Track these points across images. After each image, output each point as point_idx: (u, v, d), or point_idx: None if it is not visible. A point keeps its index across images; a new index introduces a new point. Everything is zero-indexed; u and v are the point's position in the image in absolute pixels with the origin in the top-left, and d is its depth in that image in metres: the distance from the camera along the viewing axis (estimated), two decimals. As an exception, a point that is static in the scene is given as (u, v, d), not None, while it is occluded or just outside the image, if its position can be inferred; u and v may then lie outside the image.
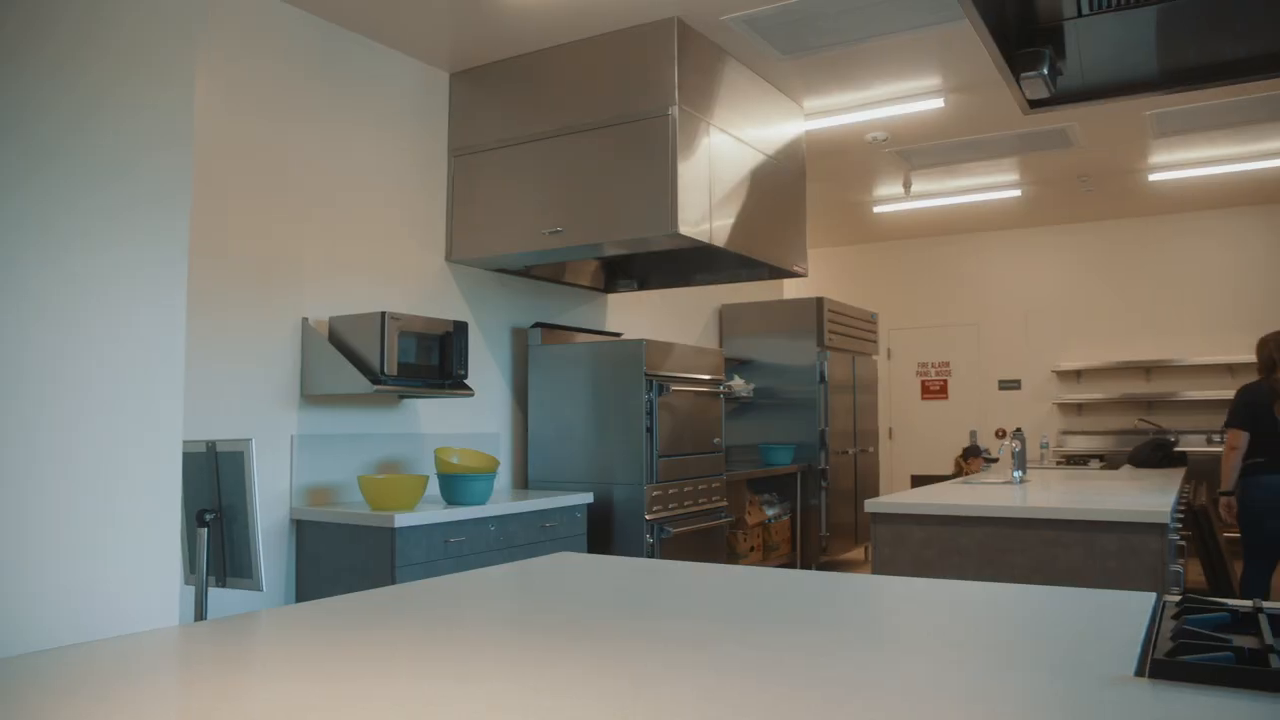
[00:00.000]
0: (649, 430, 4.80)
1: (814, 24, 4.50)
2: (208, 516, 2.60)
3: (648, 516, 4.74)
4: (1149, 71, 2.29)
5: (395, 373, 4.05)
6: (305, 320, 4.14)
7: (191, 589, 2.64)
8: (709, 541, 5.24)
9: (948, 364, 9.76)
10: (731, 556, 6.02)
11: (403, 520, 3.68)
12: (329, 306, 4.25)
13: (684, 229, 4.30)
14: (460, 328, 4.40)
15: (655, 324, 6.50)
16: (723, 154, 4.71)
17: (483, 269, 5.08)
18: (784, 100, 5.39)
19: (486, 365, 5.08)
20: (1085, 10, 2.05)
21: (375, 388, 3.95)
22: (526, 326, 5.32)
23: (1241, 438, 5.12)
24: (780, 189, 5.30)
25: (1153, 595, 1.65)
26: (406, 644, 1.41)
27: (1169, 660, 1.17)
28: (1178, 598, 1.58)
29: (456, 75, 4.95)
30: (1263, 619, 1.36)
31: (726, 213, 4.72)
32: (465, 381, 4.43)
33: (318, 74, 4.27)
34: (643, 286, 5.89)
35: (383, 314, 4.03)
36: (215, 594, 2.68)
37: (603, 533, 4.79)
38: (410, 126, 4.74)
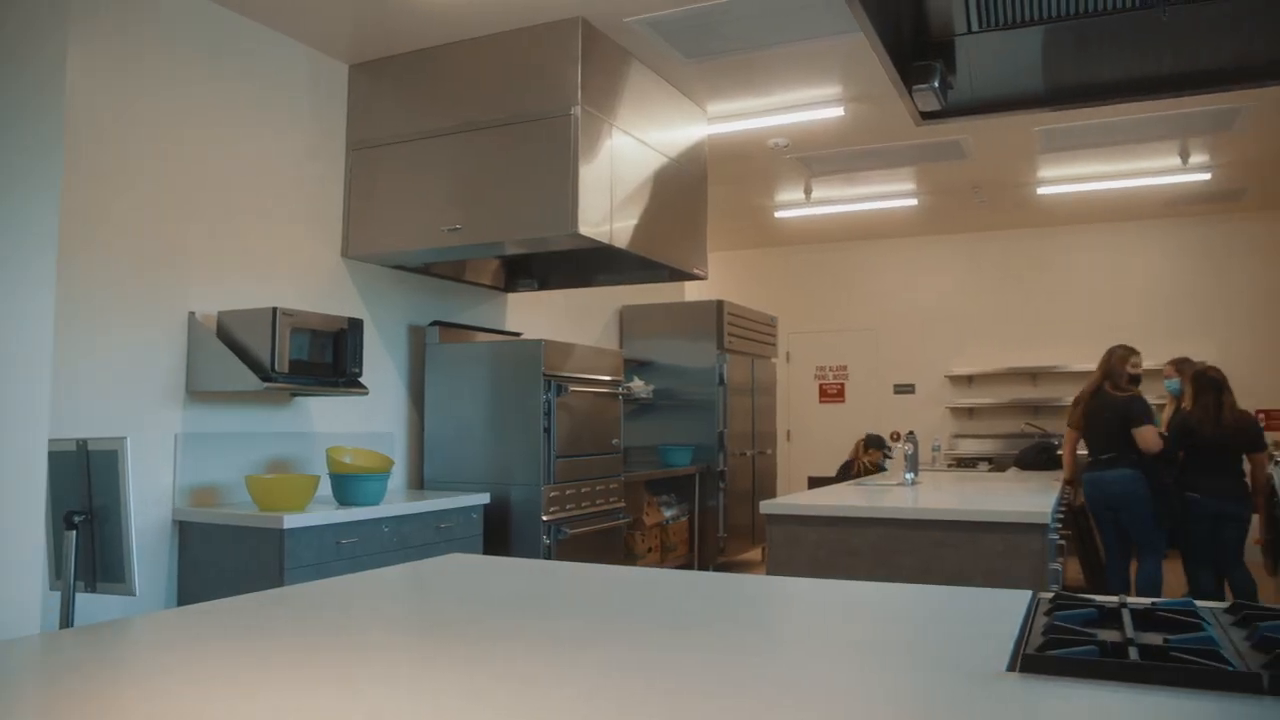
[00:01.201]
0: (547, 431, 4.78)
1: (718, 29, 4.54)
2: (76, 518, 2.47)
3: (545, 517, 4.71)
4: (1035, 88, 2.36)
5: (286, 370, 3.94)
6: (192, 315, 4.00)
7: (58, 595, 2.51)
8: (607, 542, 5.23)
9: (845, 368, 9.97)
10: (629, 557, 6.03)
11: (292, 521, 3.59)
12: (218, 301, 4.11)
13: (584, 229, 4.29)
14: (355, 325, 4.31)
15: (556, 324, 6.47)
16: (625, 155, 4.72)
17: (380, 265, 4.98)
18: (687, 104, 5.43)
19: (382, 363, 4.98)
20: (975, 27, 2.11)
21: (265, 385, 3.84)
22: (424, 325, 5.24)
23: (1070, 435, 5.76)
24: (682, 192, 5.33)
25: (1028, 593, 1.70)
26: (287, 649, 1.36)
27: (1038, 655, 1.21)
28: (1051, 595, 1.63)
29: (356, 67, 4.85)
30: (1126, 614, 1.42)
31: (627, 214, 4.72)
32: (360, 380, 4.34)
33: (207, 59, 4.13)
34: (543, 286, 5.86)
35: (274, 309, 3.92)
36: (88, 601, 2.56)
37: (499, 534, 4.75)
38: (307, 118, 4.62)
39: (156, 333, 3.87)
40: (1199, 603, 1.53)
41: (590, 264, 5.44)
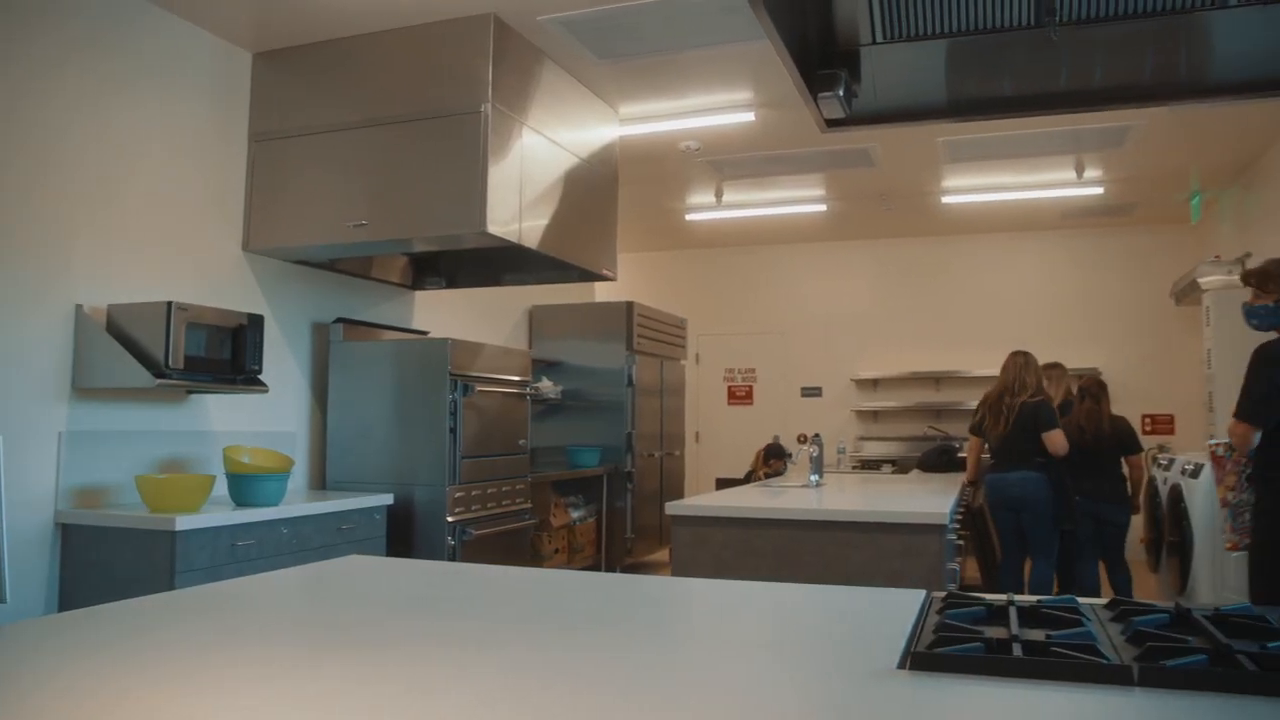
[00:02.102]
0: (453, 431, 4.72)
1: (631, 31, 4.55)
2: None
3: (450, 518, 4.65)
4: (937, 100, 2.41)
5: (181, 366, 3.81)
6: (79, 308, 3.84)
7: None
8: (513, 544, 5.20)
9: (754, 370, 10.08)
10: (536, 559, 6.00)
11: (185, 523, 3.47)
12: (108, 294, 3.95)
13: (493, 228, 4.25)
14: (256, 320, 4.20)
15: (464, 323, 6.40)
16: (535, 155, 4.69)
17: (283, 260, 4.86)
18: (599, 104, 5.43)
19: (284, 361, 4.86)
20: (880, 39, 2.14)
21: (158, 382, 3.71)
22: (328, 322, 5.13)
23: (973, 441, 5.92)
24: (593, 192, 5.33)
25: (922, 593, 1.74)
26: (168, 656, 1.31)
27: (927, 653, 1.24)
28: (943, 594, 1.67)
29: (260, 56, 4.72)
30: (1013, 611, 1.46)
31: (537, 214, 4.70)
32: (260, 377, 4.22)
33: (100, 41, 3.96)
34: (451, 285, 5.79)
35: (169, 303, 3.79)
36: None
37: (403, 535, 4.67)
38: (207, 106, 4.48)
39: (38, 326, 3.70)
40: (1080, 600, 1.59)
41: (499, 263, 5.40)
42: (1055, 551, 5.52)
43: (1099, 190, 7.67)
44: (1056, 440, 5.41)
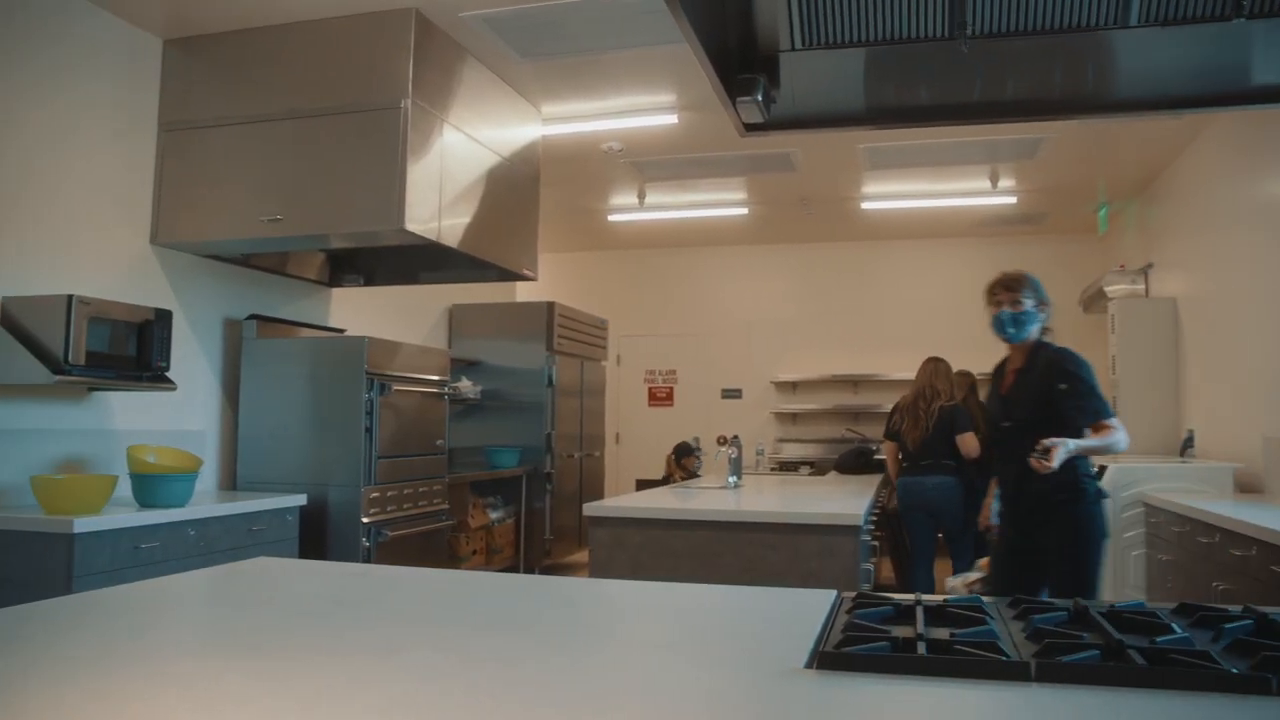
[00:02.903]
0: (369, 430, 4.65)
1: (554, 30, 4.53)
2: None
3: (365, 519, 4.58)
4: (855, 108, 2.44)
5: (83, 362, 3.68)
6: (-26, 300, 3.68)
7: None
8: (429, 545, 5.14)
9: (675, 372, 10.13)
10: (453, 560, 5.94)
11: (84, 525, 3.34)
12: (4, 286, 3.79)
13: (411, 226, 4.19)
14: (163, 316, 4.07)
15: (382, 321, 6.30)
16: (456, 152, 4.64)
17: (194, 254, 4.72)
18: (522, 103, 5.39)
19: (193, 358, 4.73)
20: (799, 45, 2.17)
21: (57, 378, 3.57)
22: (241, 318, 5.00)
23: (889, 446, 5.95)
24: (514, 192, 5.29)
25: (834, 593, 1.76)
26: (53, 665, 1.26)
27: (834, 652, 1.26)
28: (854, 594, 1.70)
29: (172, 43, 4.58)
30: (919, 611, 1.49)
31: (457, 212, 4.65)
32: (167, 375, 4.10)
33: None
34: (369, 282, 5.69)
35: (70, 297, 3.65)
36: None
37: (316, 536, 4.58)
38: (112, 93, 4.32)
39: (-68, 319, 3.54)
40: (985, 599, 1.62)
41: (418, 261, 5.33)
42: (971, 551, 5.66)
43: (1012, 200, 7.88)
44: (970, 443, 5.59)
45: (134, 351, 3.94)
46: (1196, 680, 1.15)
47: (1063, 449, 3.12)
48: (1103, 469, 5.68)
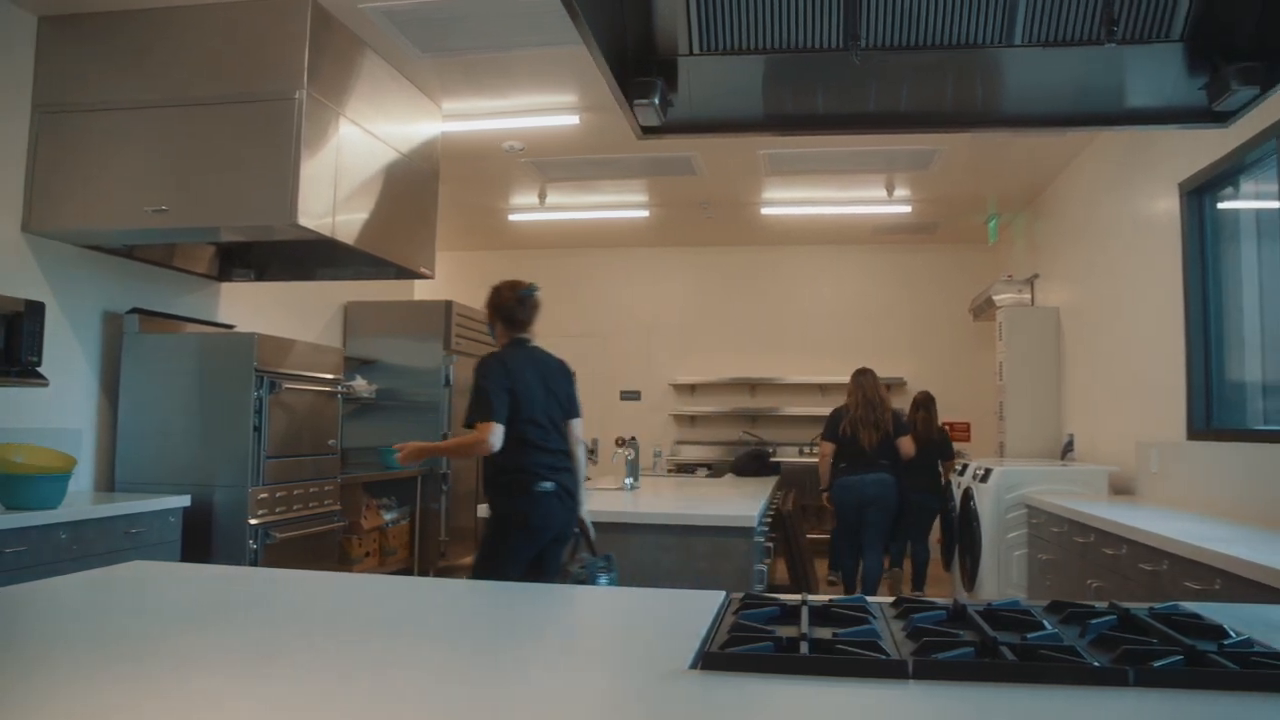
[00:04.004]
0: (257, 430, 4.51)
1: (455, 25, 4.48)
2: None
3: (252, 520, 4.44)
4: (753, 113, 2.46)
5: (-53, 356, 3.48)
6: None
7: None
8: (320, 547, 5.01)
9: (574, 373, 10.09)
10: (345, 562, 5.81)
11: (-55, 527, 3.17)
12: None
13: (304, 220, 4.08)
14: (35, 308, 3.88)
15: (274, 318, 6.12)
16: (353, 146, 4.55)
17: (72, 244, 4.50)
18: (422, 99, 5.31)
19: (69, 353, 4.51)
20: (697, 50, 2.18)
21: (-82, 372, 3.38)
22: (122, 312, 4.80)
23: (829, 448, 6.49)
24: (412, 189, 5.21)
25: (722, 594, 1.78)
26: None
27: (718, 653, 1.27)
28: (742, 595, 1.71)
29: (47, 20, 4.36)
30: (804, 611, 1.51)
31: (353, 208, 4.55)
32: (38, 370, 3.91)
33: None
34: (261, 277, 5.52)
35: (-67, 287, 3.45)
36: None
37: (201, 539, 4.42)
38: (-17, 72, 4.10)
39: None
40: (869, 599, 1.66)
41: (313, 257, 5.20)
42: (885, 544, 6.50)
43: (907, 209, 8.09)
44: (908, 445, 6.40)
45: (1, 345, 3.75)
46: (1061, 674, 1.19)
47: (414, 448, 3.70)
48: (988, 471, 5.89)
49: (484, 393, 3.60)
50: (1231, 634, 1.39)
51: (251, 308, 5.85)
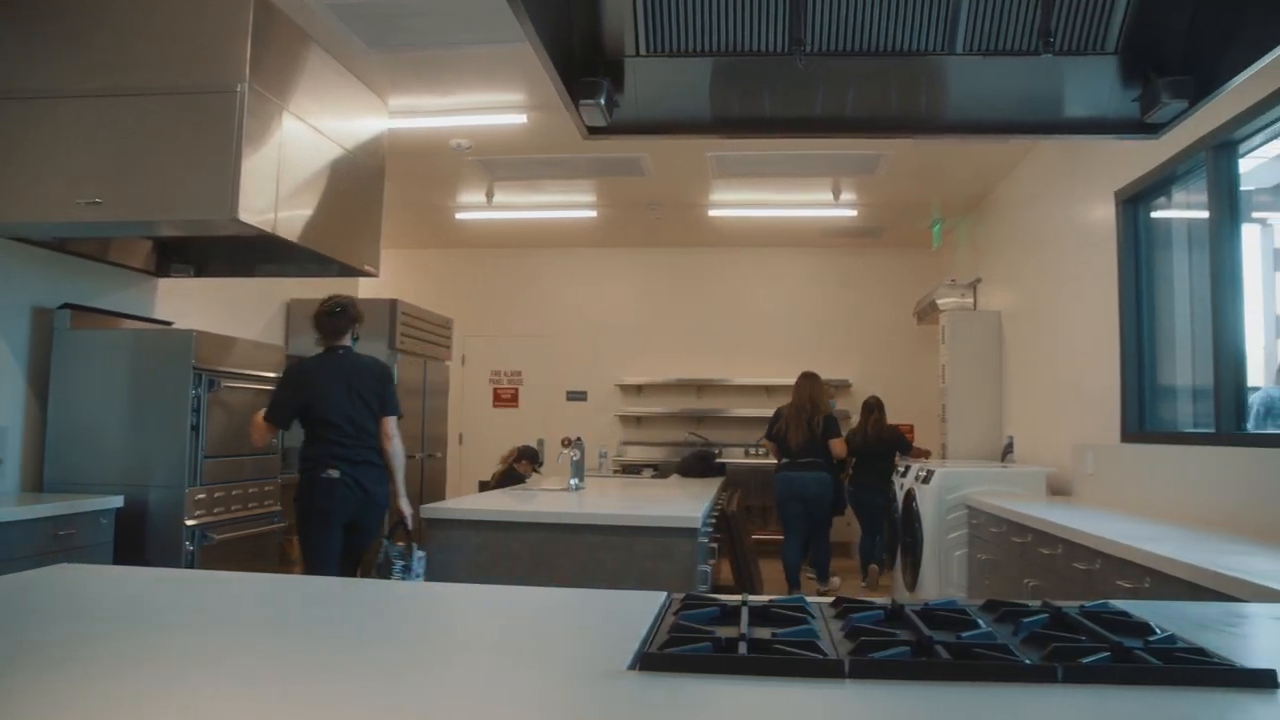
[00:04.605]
0: (195, 428, 4.42)
1: (402, 21, 4.44)
2: None
3: (188, 522, 4.35)
4: (700, 116, 2.46)
5: None
6: None
7: None
8: (260, 548, 4.93)
9: (520, 373, 10.07)
10: (286, 563, 5.71)
11: None
12: None
13: (245, 216, 4.01)
14: (-37, 303, 3.77)
15: (214, 315, 6.00)
16: (296, 141, 4.48)
17: (-1, 237, 4.38)
18: (368, 95, 5.25)
19: (-2, 348, 4.39)
20: (643, 51, 2.18)
21: None
22: (53, 307, 4.67)
23: (771, 445, 7.12)
24: (357, 186, 5.14)
25: (664, 594, 1.78)
26: None
27: (657, 653, 1.27)
28: (683, 596, 1.71)
29: (-26, 6, 4.24)
30: (744, 611, 1.52)
31: (297, 204, 4.48)
32: (-34, 366, 3.79)
33: None
34: (201, 273, 5.41)
35: None
36: None
37: (135, 541, 4.32)
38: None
39: None
40: (809, 599, 1.67)
41: (254, 253, 5.11)
42: (830, 529, 7.20)
43: (853, 213, 8.19)
44: (840, 446, 6.96)
45: (-72, 340, 3.63)
46: (993, 672, 1.21)
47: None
48: (930, 473, 5.97)
49: (273, 393, 4.38)
50: (1157, 631, 1.43)
51: (190, 304, 5.73)
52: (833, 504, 7.06)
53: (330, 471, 4.17)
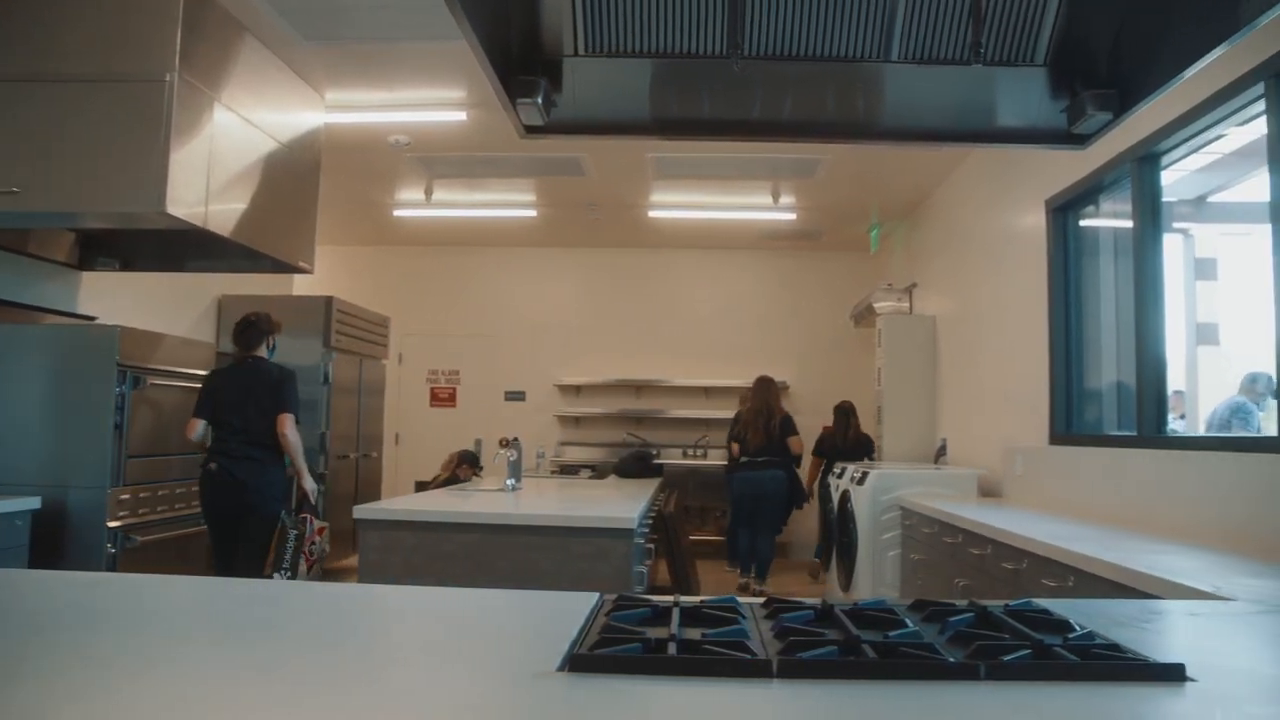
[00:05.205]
0: (118, 427, 4.31)
1: (340, 14, 4.38)
2: None
3: (111, 523, 4.24)
4: (638, 117, 2.46)
5: None
6: None
7: None
8: (186, 550, 4.82)
9: (458, 372, 9.99)
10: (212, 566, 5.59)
11: None
12: None
13: (174, 209, 3.91)
14: (-128, 294, 3.62)
15: (142, 310, 5.85)
16: (228, 134, 4.38)
17: (-89, 227, 4.23)
18: (304, 88, 5.15)
19: (-89, 342, 4.22)
20: (582, 51, 2.17)
21: None
22: (-31, 301, 4.52)
23: (735, 447, 7.34)
24: (292, 180, 5.05)
25: (596, 595, 1.77)
26: None
27: (586, 654, 1.27)
28: (615, 596, 1.71)
29: (-107, -11, 4.08)
30: (675, 612, 1.52)
31: (228, 198, 4.39)
32: (-124, 360, 3.65)
33: None
34: (127, 267, 5.26)
35: None
36: None
37: (52, 544, 4.18)
38: None
39: None
40: (740, 599, 1.67)
41: (184, 248, 4.98)
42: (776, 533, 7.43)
43: (792, 216, 8.26)
44: (798, 444, 7.31)
45: None
46: (918, 670, 1.23)
47: None
48: (865, 474, 6.05)
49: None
50: (1076, 628, 1.46)
51: (115, 299, 5.58)
52: (789, 499, 7.33)
53: (210, 465, 4.60)
